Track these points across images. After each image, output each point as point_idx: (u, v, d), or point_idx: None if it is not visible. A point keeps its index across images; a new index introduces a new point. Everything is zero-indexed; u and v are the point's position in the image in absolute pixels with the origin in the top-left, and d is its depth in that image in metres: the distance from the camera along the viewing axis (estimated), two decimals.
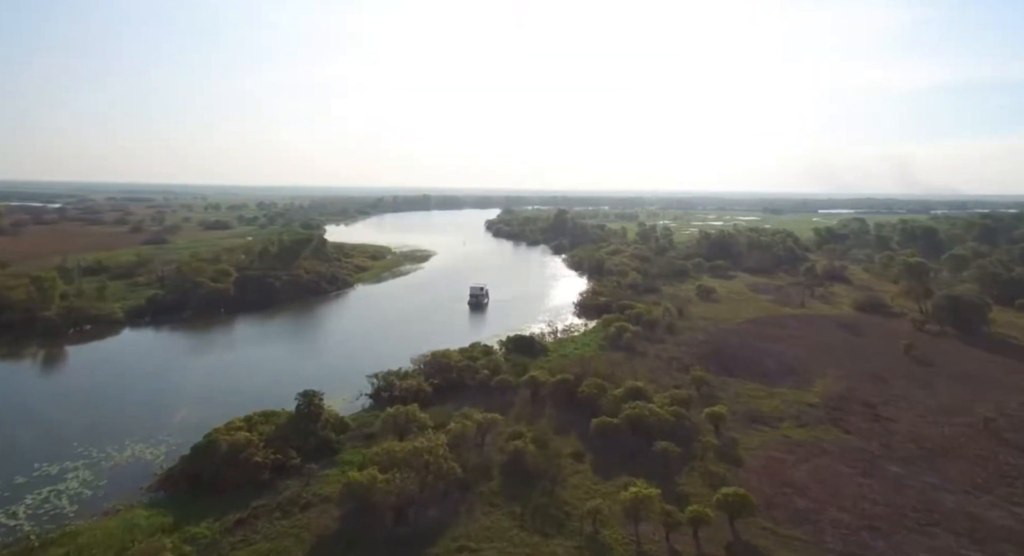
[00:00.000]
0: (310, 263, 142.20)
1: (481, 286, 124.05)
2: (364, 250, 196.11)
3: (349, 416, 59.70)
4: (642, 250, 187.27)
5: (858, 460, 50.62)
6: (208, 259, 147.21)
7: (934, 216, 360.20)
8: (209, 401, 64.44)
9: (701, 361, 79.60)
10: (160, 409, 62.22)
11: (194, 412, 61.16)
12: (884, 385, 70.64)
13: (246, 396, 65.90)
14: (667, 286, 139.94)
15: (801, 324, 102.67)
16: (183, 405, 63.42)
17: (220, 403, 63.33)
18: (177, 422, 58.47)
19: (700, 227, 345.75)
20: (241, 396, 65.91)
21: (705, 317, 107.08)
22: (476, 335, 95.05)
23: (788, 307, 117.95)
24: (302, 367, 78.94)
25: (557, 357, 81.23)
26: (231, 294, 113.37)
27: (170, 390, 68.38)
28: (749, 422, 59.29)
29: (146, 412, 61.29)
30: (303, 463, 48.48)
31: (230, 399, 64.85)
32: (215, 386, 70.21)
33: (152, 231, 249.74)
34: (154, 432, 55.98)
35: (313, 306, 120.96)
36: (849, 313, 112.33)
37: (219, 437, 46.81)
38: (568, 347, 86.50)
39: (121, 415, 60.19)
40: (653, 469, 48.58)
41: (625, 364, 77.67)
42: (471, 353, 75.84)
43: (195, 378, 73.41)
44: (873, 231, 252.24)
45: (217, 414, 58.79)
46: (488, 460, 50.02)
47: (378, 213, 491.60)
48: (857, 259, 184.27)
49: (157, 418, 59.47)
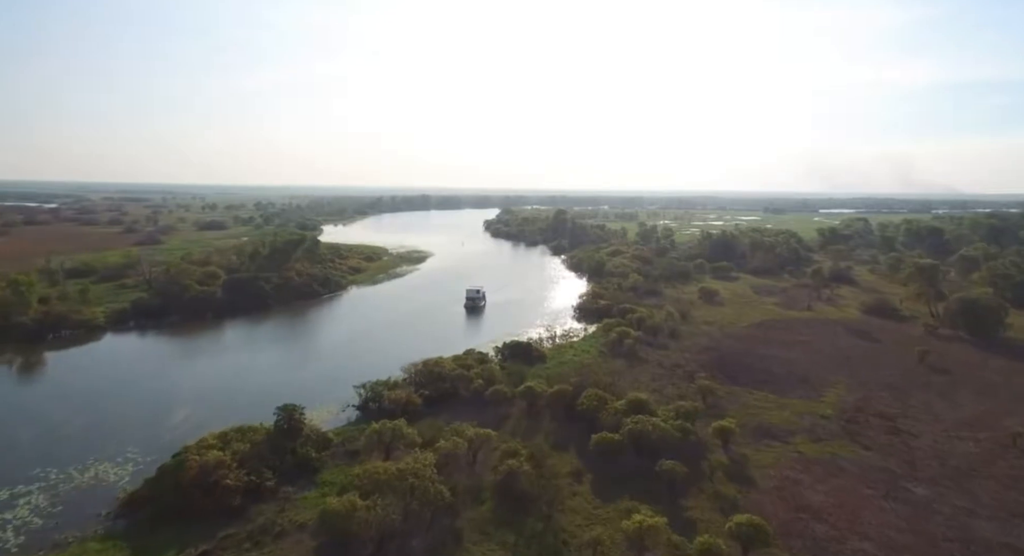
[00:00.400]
0: (302, 265, 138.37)
1: (478, 289, 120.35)
2: (360, 251, 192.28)
3: (334, 430, 56.10)
4: (643, 251, 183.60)
5: (879, 480, 46.88)
6: (199, 261, 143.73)
7: (937, 216, 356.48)
8: (185, 413, 60.66)
9: (706, 369, 75.88)
10: (131, 422, 58.08)
11: (167, 425, 57.31)
12: (901, 395, 66.89)
13: (226, 407, 62.19)
14: (669, 288, 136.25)
15: (809, 328, 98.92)
16: (156, 418, 59.37)
17: (197, 415, 59.70)
18: (148, 437, 54.35)
19: (701, 227, 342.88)
20: (221, 407, 62.20)
21: (709, 321, 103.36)
22: (472, 340, 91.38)
23: (794, 310, 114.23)
24: (288, 375, 75.22)
25: (555, 364, 77.54)
26: (219, 297, 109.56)
27: (145, 401, 64.41)
28: (759, 437, 55.57)
29: (115, 425, 57.16)
30: (279, 485, 44.75)
31: (208, 411, 61.18)
32: (194, 396, 66.36)
33: (146, 231, 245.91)
34: (121, 448, 51.83)
35: (304, 310, 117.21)
36: (858, 317, 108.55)
37: (188, 457, 43.06)
38: (567, 354, 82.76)
39: (88, 429, 56.12)
40: (658, 491, 44.92)
41: (626, 372, 74.00)
42: (465, 361, 72.08)
43: (173, 388, 69.48)
44: (877, 231, 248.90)
45: (193, 427, 55.37)
46: (480, 481, 46.31)
47: (376, 213, 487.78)
48: (862, 260, 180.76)
49: (126, 432, 55.27)
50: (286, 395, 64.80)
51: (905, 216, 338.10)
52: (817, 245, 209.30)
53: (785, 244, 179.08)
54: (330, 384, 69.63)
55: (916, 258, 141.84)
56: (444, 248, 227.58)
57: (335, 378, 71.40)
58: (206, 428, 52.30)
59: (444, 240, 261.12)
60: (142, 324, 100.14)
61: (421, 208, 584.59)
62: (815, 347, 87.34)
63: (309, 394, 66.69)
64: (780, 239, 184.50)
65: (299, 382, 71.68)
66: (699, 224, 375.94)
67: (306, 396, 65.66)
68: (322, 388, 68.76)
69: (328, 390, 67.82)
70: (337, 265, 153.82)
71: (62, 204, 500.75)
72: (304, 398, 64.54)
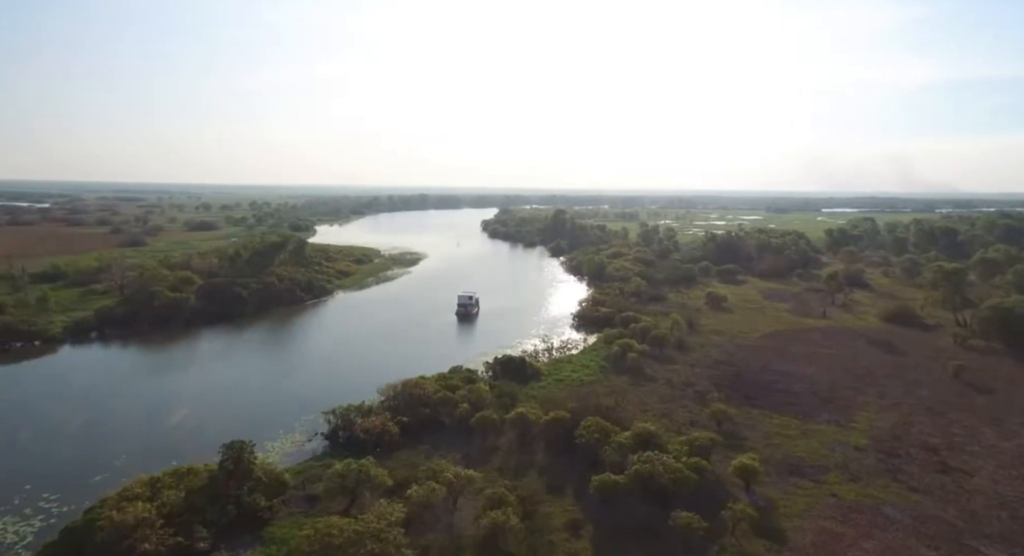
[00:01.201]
0: (286, 269, 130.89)
1: (470, 295, 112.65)
2: (350, 253, 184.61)
3: (295, 467, 48.48)
4: (645, 253, 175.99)
5: (938, 536, 39.20)
6: (177, 264, 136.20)
7: (947, 215, 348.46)
8: (124, 447, 52.62)
9: (719, 387, 68.29)
10: (55, 459, 49.85)
11: (99, 464, 48.92)
12: (941, 420, 59.26)
13: (173, 440, 54.61)
14: (674, 293, 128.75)
15: (827, 339, 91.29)
16: (88, 454, 50.90)
17: (137, 450, 51.85)
18: (72, 479, 45.86)
19: (703, 227, 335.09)
20: (167, 439, 54.59)
21: (718, 331, 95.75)
22: (462, 353, 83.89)
23: (809, 318, 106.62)
24: (255, 396, 67.59)
25: (552, 382, 70.03)
26: (192, 305, 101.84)
27: (78, 433, 55.78)
28: (787, 474, 47.97)
29: (34, 465, 48.68)
30: (214, 545, 37.08)
31: (152, 443, 53.51)
32: (138, 425, 58.39)
33: (132, 232, 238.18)
34: (33, 497, 43.36)
35: (285, 317, 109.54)
36: (878, 325, 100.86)
37: (102, 514, 35.46)
38: (565, 369, 75.14)
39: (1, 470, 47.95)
40: (672, 550, 37.34)
41: (631, 392, 66.43)
42: (450, 381, 64.38)
43: (117, 414, 61.19)
44: (885, 232, 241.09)
45: (128, 465, 47.59)
46: (458, 536, 38.73)
47: (373, 213, 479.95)
48: (873, 262, 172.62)
49: (46, 474, 46.86)
50: (247, 421, 57.44)
51: (911, 216, 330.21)
52: (825, 246, 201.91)
53: (793, 246, 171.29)
54: (300, 406, 61.95)
55: (934, 261, 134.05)
56: (439, 249, 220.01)
57: (306, 399, 63.69)
58: (142, 467, 44.67)
59: (439, 241, 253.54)
60: (107, 335, 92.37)
61: (419, 208, 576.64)
62: (836, 361, 79.73)
63: (275, 419, 59.26)
64: (788, 240, 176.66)
65: (265, 404, 64.09)
66: (701, 224, 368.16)
67: (270, 422, 58.42)
68: (290, 411, 61.17)
69: (297, 413, 60.27)
70: (324, 269, 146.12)
71: (55, 204, 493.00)
72: (267, 425, 57.39)
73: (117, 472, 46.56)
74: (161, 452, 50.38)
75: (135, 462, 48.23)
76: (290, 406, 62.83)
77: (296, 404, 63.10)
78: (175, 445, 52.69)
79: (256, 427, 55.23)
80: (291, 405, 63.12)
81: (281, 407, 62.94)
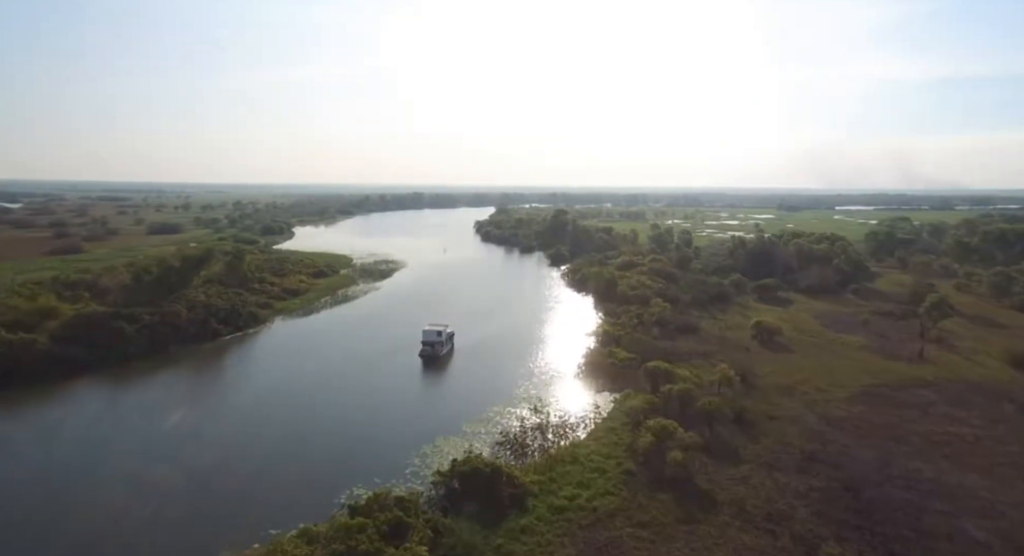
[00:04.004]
0: (211, 289, 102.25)
1: (440, 329, 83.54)
2: (312, 263, 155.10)
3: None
4: (662, 262, 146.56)
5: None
6: (83, 283, 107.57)
7: (985, 213, 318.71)
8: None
9: (826, 520, 39.59)
10: None
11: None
12: None
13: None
14: (706, 319, 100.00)
15: (954, 404, 62.24)
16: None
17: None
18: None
19: (717, 227, 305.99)
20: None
21: (785, 387, 66.90)
22: (413, 432, 55.39)
23: (900, 361, 77.55)
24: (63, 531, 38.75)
25: (545, 513, 41.29)
26: (43, 350, 72.87)
27: None
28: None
29: None
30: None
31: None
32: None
33: (71, 238, 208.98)
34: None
35: (181, 360, 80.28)
36: (1012, 375, 71.84)
37: None
38: (567, 478, 46.25)
39: None
40: None
41: (679, 535, 37.72)
42: (357, 535, 35.43)
43: None
44: (927, 234, 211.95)
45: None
46: None
47: (363, 213, 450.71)
48: (934, 272, 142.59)
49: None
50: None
51: (930, 214, 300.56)
52: (867, 251, 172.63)
53: (842, 253, 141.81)
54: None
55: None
56: (421, 255, 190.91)
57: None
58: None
59: (424, 245, 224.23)
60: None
61: (413, 207, 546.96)
62: (998, 452, 50.84)
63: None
64: (835, 247, 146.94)
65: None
66: (713, 224, 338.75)
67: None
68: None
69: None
70: (266, 287, 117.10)
71: (27, 203, 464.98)
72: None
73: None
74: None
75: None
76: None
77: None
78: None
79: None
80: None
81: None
